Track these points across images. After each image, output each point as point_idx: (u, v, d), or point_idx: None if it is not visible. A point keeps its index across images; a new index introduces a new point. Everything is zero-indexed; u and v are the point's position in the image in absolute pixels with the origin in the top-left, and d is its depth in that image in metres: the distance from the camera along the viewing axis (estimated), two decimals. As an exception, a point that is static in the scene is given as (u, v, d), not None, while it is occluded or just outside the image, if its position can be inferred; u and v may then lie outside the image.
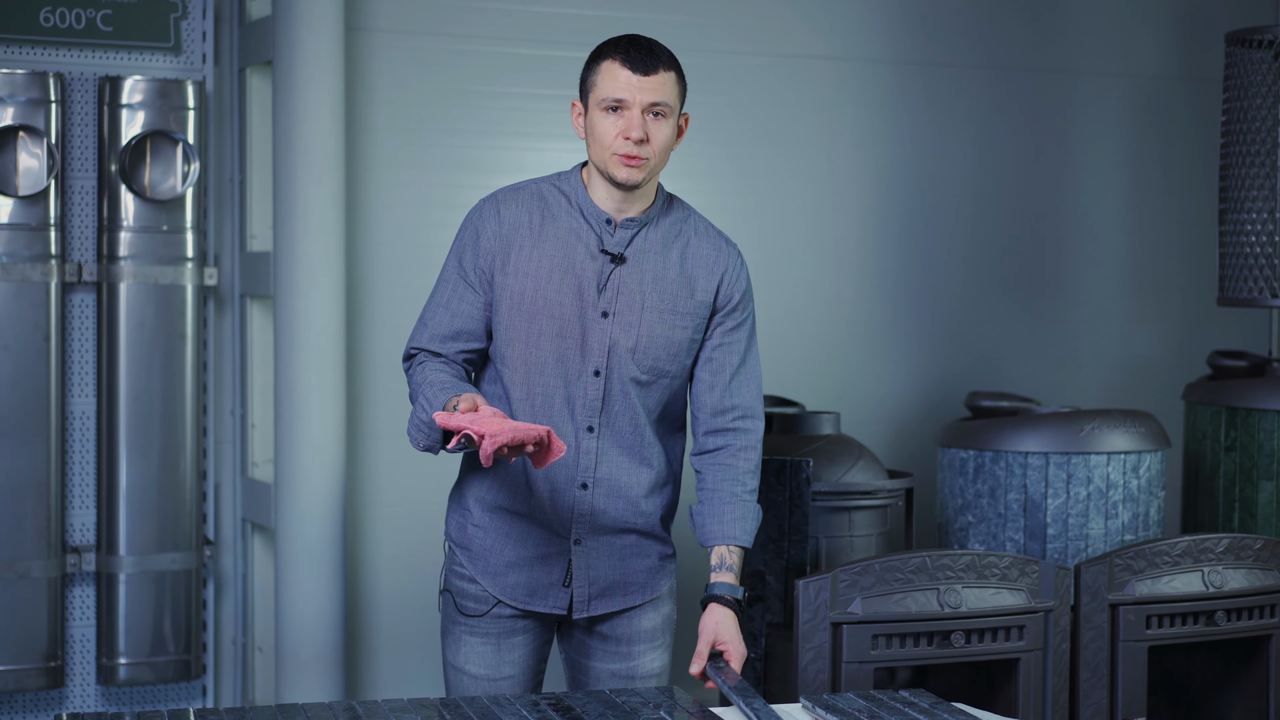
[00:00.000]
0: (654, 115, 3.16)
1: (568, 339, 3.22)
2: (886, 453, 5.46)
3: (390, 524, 5.03)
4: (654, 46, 3.19)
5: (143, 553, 4.73)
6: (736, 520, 3.29)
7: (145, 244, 4.73)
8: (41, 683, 4.67)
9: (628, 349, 3.22)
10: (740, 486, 3.31)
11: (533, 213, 3.25)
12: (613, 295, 3.22)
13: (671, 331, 3.25)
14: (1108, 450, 4.39)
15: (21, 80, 4.59)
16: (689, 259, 3.28)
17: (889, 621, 3.81)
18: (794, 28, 5.47)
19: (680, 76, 3.21)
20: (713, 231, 3.35)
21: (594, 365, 3.22)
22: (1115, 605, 4.06)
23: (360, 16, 4.97)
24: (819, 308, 5.52)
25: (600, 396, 3.23)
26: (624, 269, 3.23)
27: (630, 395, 3.24)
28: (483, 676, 3.35)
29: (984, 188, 5.73)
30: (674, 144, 3.21)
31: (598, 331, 3.21)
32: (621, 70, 3.15)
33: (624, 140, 3.14)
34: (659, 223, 3.28)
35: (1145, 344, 5.96)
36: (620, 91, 3.14)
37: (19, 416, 4.63)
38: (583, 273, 3.22)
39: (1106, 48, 5.88)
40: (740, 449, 3.33)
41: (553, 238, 3.23)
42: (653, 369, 3.25)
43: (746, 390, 3.34)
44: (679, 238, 3.29)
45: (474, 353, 3.29)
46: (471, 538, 3.35)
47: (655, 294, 3.24)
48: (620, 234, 3.24)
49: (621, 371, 3.23)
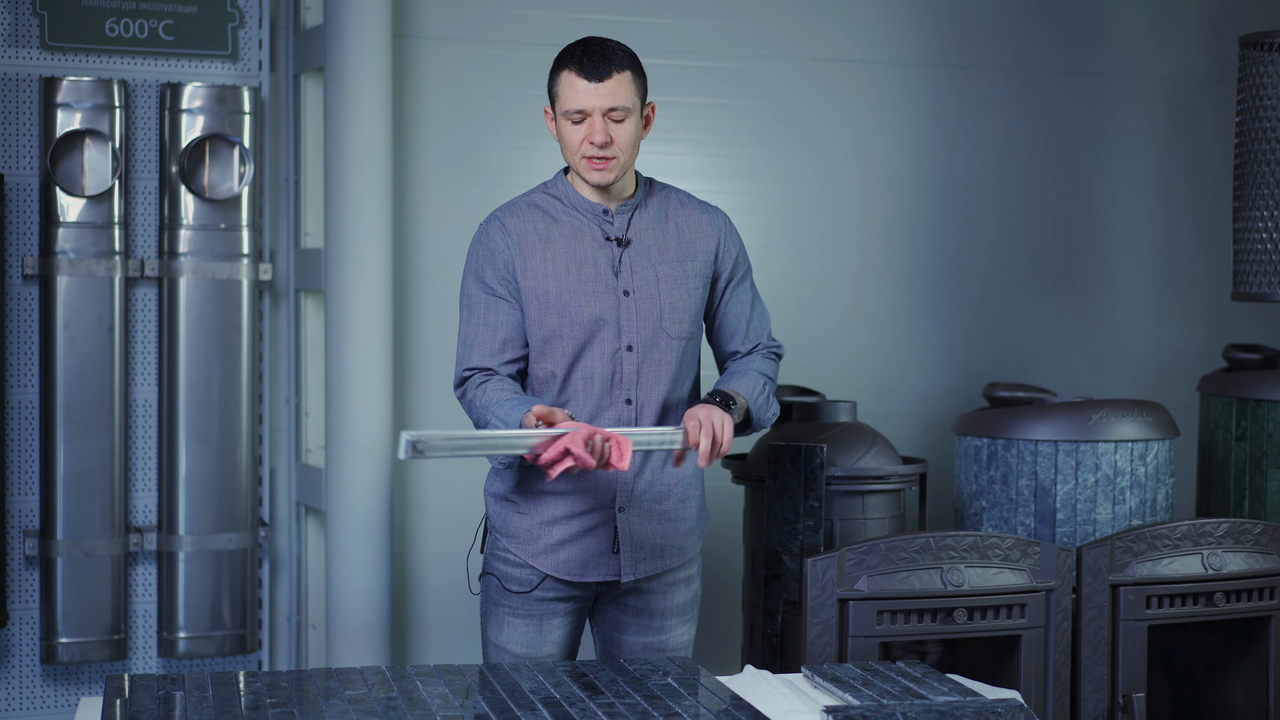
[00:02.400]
0: (614, 118, 3.38)
1: (600, 322, 3.44)
2: (913, 441, 5.60)
3: (437, 508, 5.22)
4: (607, 50, 3.40)
5: (201, 533, 4.97)
6: (733, 376, 3.55)
7: (204, 241, 4.97)
8: (106, 654, 4.92)
9: (655, 320, 3.46)
10: (743, 364, 3.59)
11: (535, 220, 3.48)
12: (629, 275, 3.46)
13: (688, 295, 3.50)
14: (1115, 439, 4.53)
15: (88, 87, 4.85)
16: (683, 228, 3.53)
17: (893, 599, 4.00)
18: (828, 32, 5.59)
19: (637, 73, 3.43)
20: (694, 200, 3.61)
21: (626, 341, 3.45)
22: (1116, 586, 4.23)
23: (408, 24, 5.15)
24: (849, 304, 5.66)
25: (635, 369, 3.45)
26: (631, 250, 3.47)
27: (660, 364, 3.47)
28: (524, 654, 3.54)
29: (1013, 188, 5.84)
30: (642, 135, 3.45)
31: (625, 310, 3.44)
32: (578, 80, 3.37)
33: (589, 145, 3.38)
34: (647, 204, 3.52)
35: (1171, 339, 6.06)
36: (579, 102, 3.37)
37: (86, 404, 4.88)
38: (596, 261, 3.45)
39: (1136, 51, 5.97)
40: (759, 357, 3.62)
41: (559, 237, 3.46)
42: (680, 332, 3.49)
43: (761, 331, 3.64)
44: (668, 213, 3.53)
45: (521, 361, 3.49)
46: (517, 525, 3.54)
47: (664, 264, 3.48)
48: (619, 220, 3.49)
49: (655, 342, 3.46)
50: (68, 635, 4.89)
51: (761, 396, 3.53)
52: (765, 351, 3.63)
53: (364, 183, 4.89)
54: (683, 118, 5.44)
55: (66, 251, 4.85)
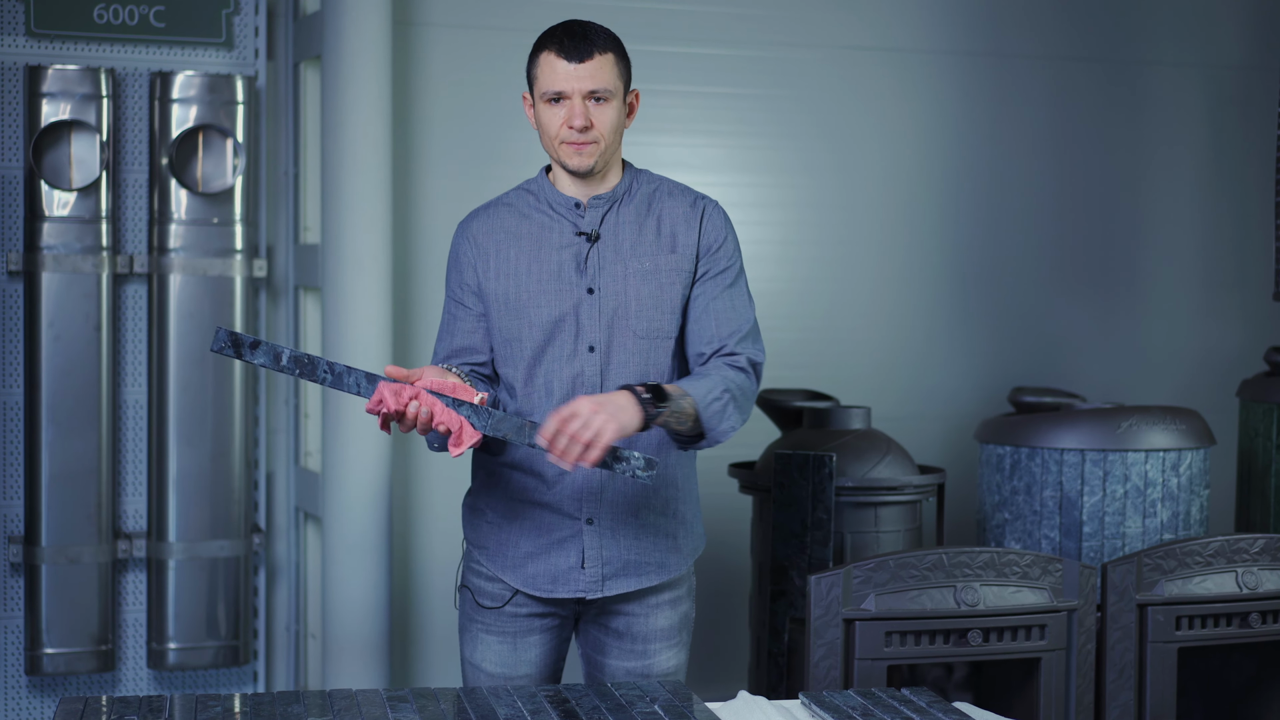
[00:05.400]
0: (595, 101, 3.19)
1: (559, 323, 3.25)
2: (933, 448, 5.42)
3: (442, 514, 5.07)
4: (589, 31, 3.21)
5: (192, 539, 4.82)
6: (689, 377, 3.20)
7: (196, 236, 4.81)
8: (93, 665, 4.77)
9: (621, 318, 3.25)
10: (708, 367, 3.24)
11: (504, 220, 3.32)
12: (594, 271, 3.26)
13: (660, 291, 3.26)
14: (1146, 448, 4.32)
15: (74, 76, 4.69)
16: (665, 220, 3.31)
17: (903, 619, 3.78)
18: (852, 20, 5.45)
19: (621, 57, 3.24)
20: (684, 189, 3.37)
21: (588, 342, 3.25)
22: (1143, 605, 3.99)
23: (412, 10, 5.01)
24: (869, 302, 5.50)
25: (598, 371, 3.25)
26: (601, 245, 3.27)
27: (627, 365, 3.26)
28: (499, 674, 3.38)
29: (1044, 182, 5.68)
30: (625, 123, 3.26)
31: (587, 308, 3.25)
32: (558, 61, 3.19)
33: (569, 129, 3.19)
34: (631, 196, 3.31)
35: (1210, 340, 5.88)
36: (559, 83, 3.18)
37: (71, 404, 4.73)
38: (561, 258, 3.26)
39: (1176, 38, 5.80)
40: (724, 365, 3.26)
41: (526, 235, 3.29)
42: (649, 331, 3.26)
43: (733, 335, 3.27)
44: (652, 206, 3.32)
45: (481, 365, 3.33)
46: (487, 536, 3.38)
47: (636, 260, 3.26)
48: (591, 214, 3.28)
49: (620, 341, 3.25)
50: (53, 645, 4.74)
51: (718, 402, 3.17)
52: (738, 359, 3.26)
53: (362, 176, 4.75)
54: (702, 108, 5.32)
55: (52, 247, 4.70)
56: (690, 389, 3.14)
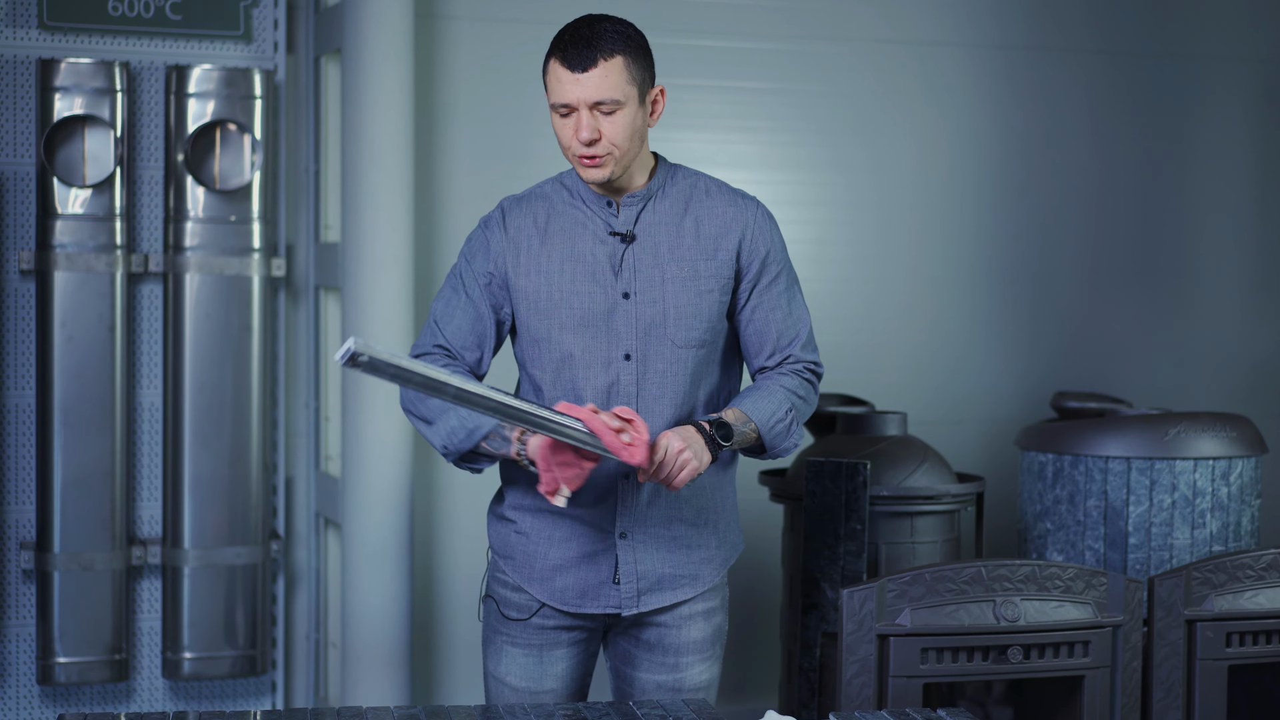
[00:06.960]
0: (602, 112, 3.04)
1: (592, 327, 3.13)
2: (973, 456, 5.34)
3: (465, 524, 4.99)
4: (595, 35, 3.04)
5: (208, 546, 4.72)
6: (751, 394, 3.19)
7: (212, 235, 4.71)
8: (106, 675, 4.68)
9: (658, 325, 3.12)
10: (771, 381, 3.22)
11: (537, 213, 3.18)
12: (630, 275, 3.13)
13: (699, 299, 3.15)
14: (1194, 456, 4.20)
15: (88, 69, 4.60)
16: (705, 222, 3.17)
17: (939, 635, 3.64)
18: (888, 12, 5.37)
19: (634, 56, 3.06)
20: (726, 189, 3.23)
21: (624, 349, 3.12)
22: (1192, 621, 3.86)
23: (435, 3, 4.94)
24: (906, 303, 5.42)
25: (634, 380, 3.13)
26: (637, 246, 3.14)
27: (669, 374, 3.14)
28: (524, 689, 3.27)
29: (1090, 179, 5.59)
30: (647, 122, 3.11)
31: (622, 314, 3.13)
32: (562, 70, 3.04)
33: (578, 142, 3.05)
34: (666, 193, 3.18)
35: (1263, 344, 5.80)
36: (564, 95, 3.04)
37: (84, 407, 4.64)
38: (595, 259, 3.13)
39: (1226, 31, 5.71)
40: (789, 375, 3.25)
41: (559, 232, 3.16)
42: (688, 340, 3.14)
43: (793, 343, 3.25)
44: (690, 204, 3.18)
45: (458, 367, 3.20)
46: (515, 546, 3.27)
47: (674, 264, 3.14)
48: (625, 213, 3.15)
49: (658, 350, 3.13)
50: (65, 654, 4.65)
51: (782, 423, 3.16)
52: (799, 367, 3.25)
53: (382, 173, 4.66)
54: (733, 103, 5.23)
55: (65, 245, 4.61)
56: (754, 413, 3.14)
